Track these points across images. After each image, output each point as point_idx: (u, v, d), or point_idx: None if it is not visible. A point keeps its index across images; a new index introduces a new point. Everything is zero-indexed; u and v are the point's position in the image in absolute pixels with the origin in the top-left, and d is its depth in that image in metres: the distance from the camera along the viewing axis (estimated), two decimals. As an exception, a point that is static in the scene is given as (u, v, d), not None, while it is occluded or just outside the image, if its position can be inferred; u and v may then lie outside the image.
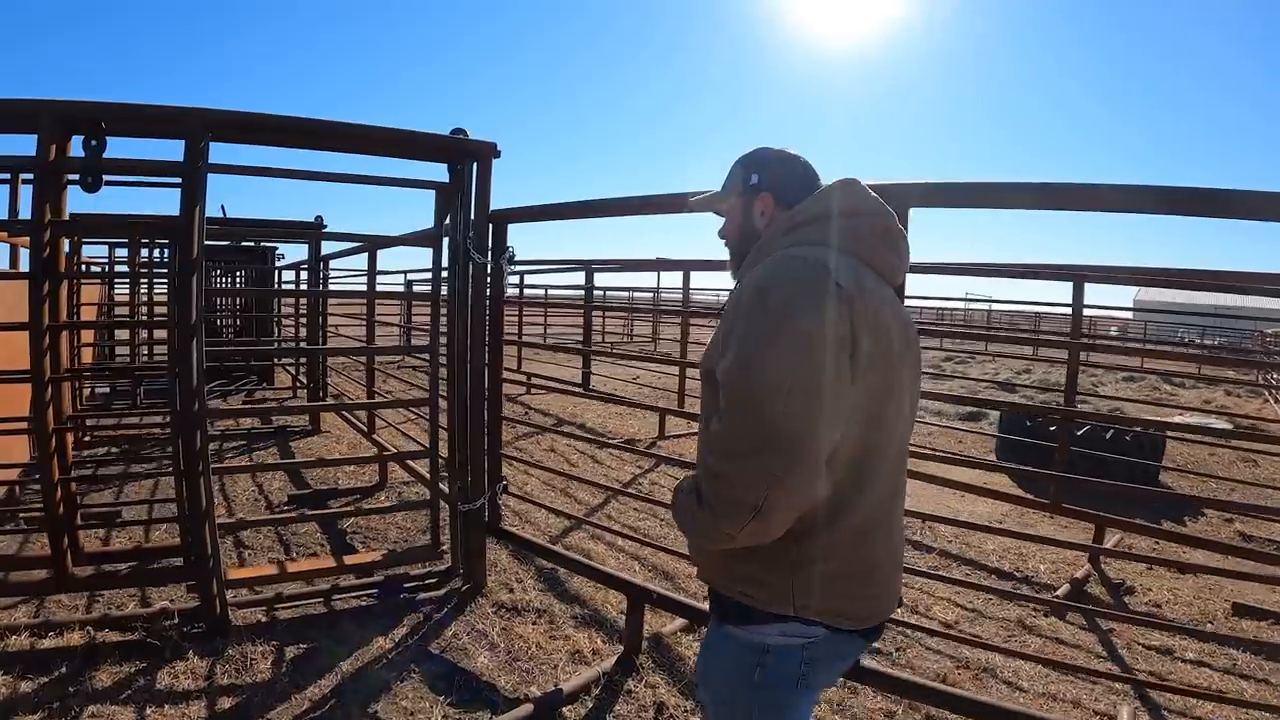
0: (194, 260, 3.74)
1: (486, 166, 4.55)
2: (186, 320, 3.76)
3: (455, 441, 4.81)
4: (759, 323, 1.58)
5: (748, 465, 1.52)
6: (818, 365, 1.53)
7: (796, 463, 1.51)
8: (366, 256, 7.66)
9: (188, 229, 3.71)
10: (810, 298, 1.57)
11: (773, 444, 1.50)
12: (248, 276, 14.29)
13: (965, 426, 11.35)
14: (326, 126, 4.09)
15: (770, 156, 1.99)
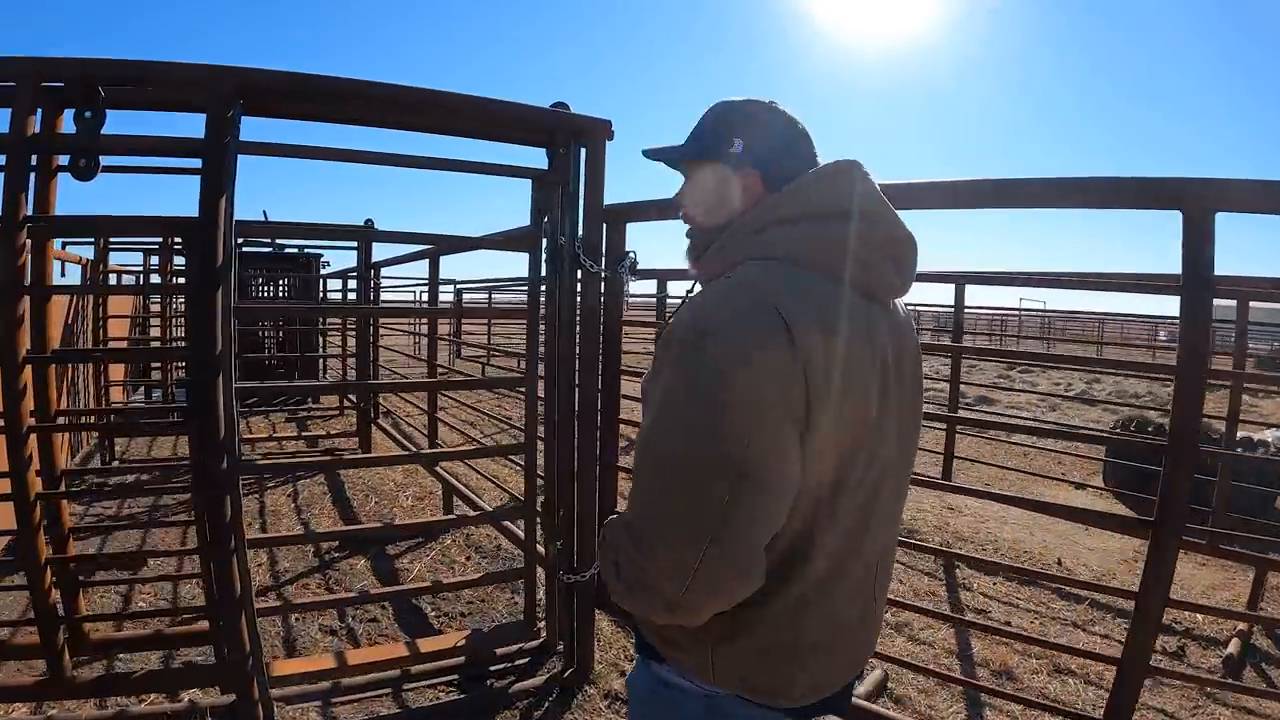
0: (217, 270, 2.79)
1: (598, 150, 3.59)
2: (207, 351, 2.80)
3: (556, 493, 3.80)
4: (690, 380, 1.33)
5: (663, 549, 1.30)
6: (758, 438, 1.28)
7: (724, 555, 1.27)
8: (428, 264, 6.68)
9: (209, 228, 2.77)
10: (756, 353, 1.29)
11: (695, 529, 1.27)
12: (291, 286, 13.46)
13: (1057, 446, 10.55)
14: (395, 93, 3.11)
15: (763, 118, 1.63)
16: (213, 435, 2.87)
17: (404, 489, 7.68)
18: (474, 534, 6.25)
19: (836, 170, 1.53)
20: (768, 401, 1.29)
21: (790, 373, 1.30)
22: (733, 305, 1.35)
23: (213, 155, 2.80)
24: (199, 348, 2.82)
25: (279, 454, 9.05)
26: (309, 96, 3.04)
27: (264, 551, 5.76)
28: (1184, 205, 2.40)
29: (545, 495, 3.86)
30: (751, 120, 1.62)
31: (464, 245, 4.24)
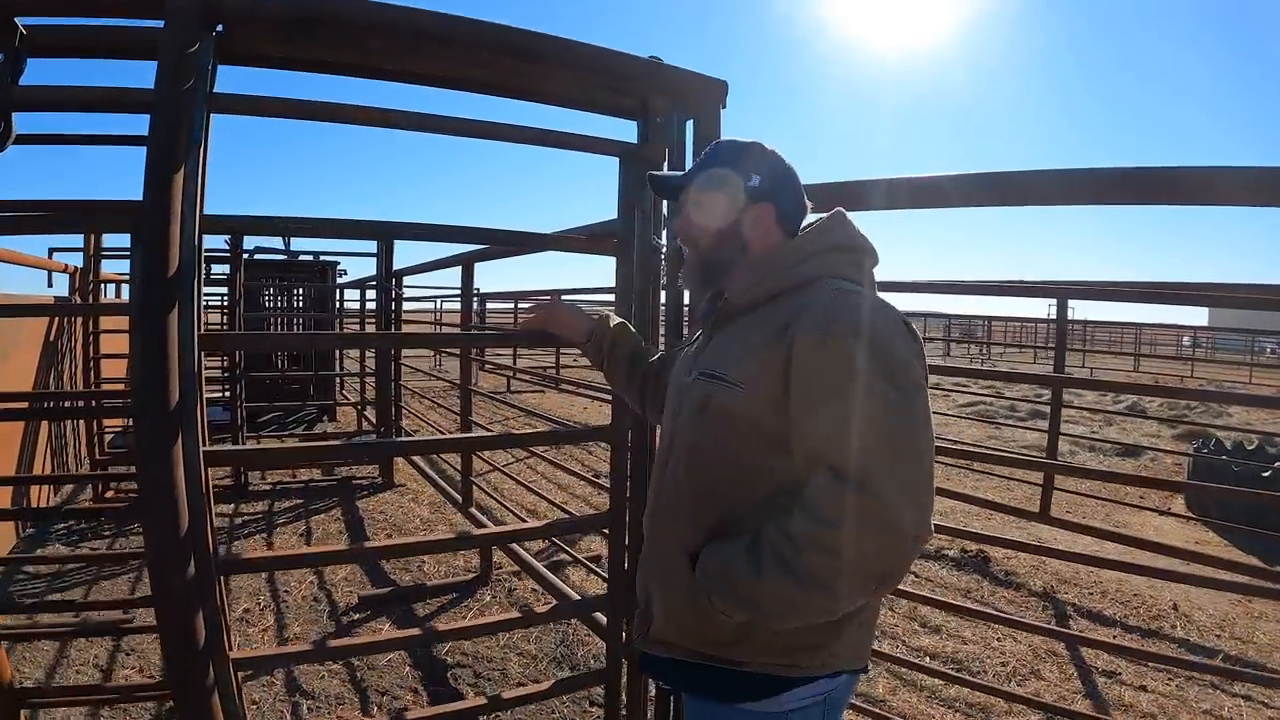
0: (171, 280, 1.84)
1: (711, 121, 2.67)
2: (157, 402, 1.86)
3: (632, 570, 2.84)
4: (885, 386, 1.50)
5: (886, 535, 1.45)
6: (929, 424, 1.55)
7: (928, 526, 1.49)
8: (461, 270, 5.72)
9: (157, 217, 1.82)
10: (914, 350, 1.58)
11: (917, 508, 1.47)
12: (305, 296, 12.58)
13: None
14: (433, 23, 2.14)
15: (773, 160, 1.86)
16: (169, 532, 1.92)
17: (431, 527, 6.85)
18: (517, 589, 5.37)
19: (844, 215, 1.83)
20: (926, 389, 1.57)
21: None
22: (874, 309, 1.59)
23: (166, 110, 1.86)
24: (145, 397, 1.87)
25: (291, 482, 8.19)
26: (311, 27, 2.09)
27: (270, 612, 4.92)
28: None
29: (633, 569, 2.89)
30: (764, 158, 1.83)
31: (531, 245, 3.11)
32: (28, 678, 3.89)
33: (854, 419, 1.48)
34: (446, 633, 2.98)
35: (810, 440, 1.55)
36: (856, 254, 1.78)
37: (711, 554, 1.65)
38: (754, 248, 1.82)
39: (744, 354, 1.68)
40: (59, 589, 5.09)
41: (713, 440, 1.71)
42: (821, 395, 1.54)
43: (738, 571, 1.56)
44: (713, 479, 1.71)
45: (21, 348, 6.15)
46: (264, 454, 5.17)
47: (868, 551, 1.45)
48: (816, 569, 1.47)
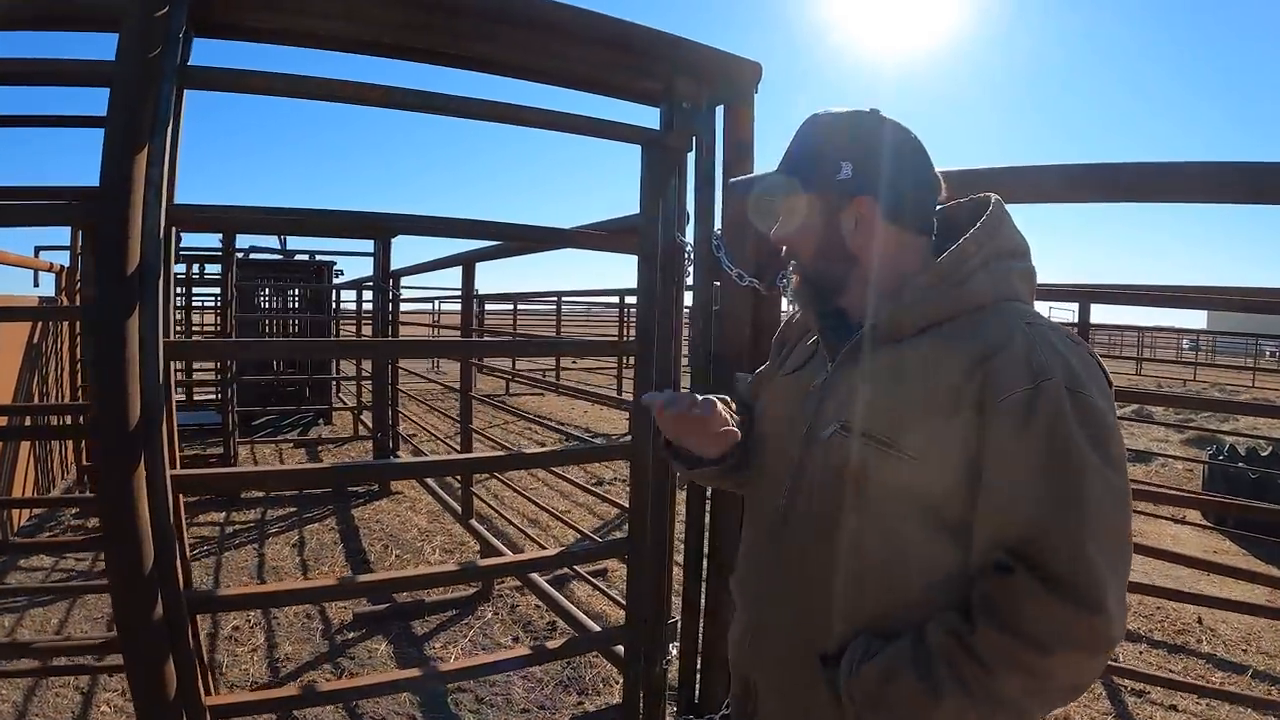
0: (130, 279, 1.60)
1: (743, 107, 2.42)
2: (116, 421, 1.61)
3: (653, 601, 2.61)
4: (1100, 463, 1.22)
5: (1102, 656, 1.22)
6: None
7: (1124, 629, 1.22)
8: (461, 271, 5.47)
9: (115, 204, 1.57)
10: (1114, 407, 1.32)
11: (1122, 621, 1.21)
12: (301, 297, 12.37)
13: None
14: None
15: (870, 135, 1.46)
16: (132, 567, 1.67)
17: (429, 538, 6.56)
18: (520, 604, 5.12)
19: (1002, 204, 1.45)
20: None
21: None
22: (1081, 356, 1.30)
23: (127, 81, 1.61)
24: (104, 416, 1.62)
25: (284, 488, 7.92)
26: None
27: (260, 629, 4.68)
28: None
29: (654, 601, 2.65)
30: (859, 137, 1.46)
31: (544, 240, 2.82)
32: (2, 710, 3.67)
33: (1071, 510, 1.21)
34: (450, 673, 2.73)
35: (1008, 530, 1.24)
36: (1025, 260, 1.45)
37: (868, 663, 1.32)
38: (865, 255, 1.46)
39: (911, 411, 1.33)
40: (41, 603, 4.84)
41: (863, 515, 1.36)
42: (1030, 475, 1.23)
43: (904, 690, 1.27)
44: (860, 564, 1.37)
45: (3, 351, 5.88)
46: (241, 478, 4.89)
47: (1077, 670, 1.23)
48: (1013, 693, 1.22)
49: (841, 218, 1.46)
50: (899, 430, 1.32)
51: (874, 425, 1.35)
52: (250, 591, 3.92)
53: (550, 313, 17.67)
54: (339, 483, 7.66)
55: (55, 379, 7.09)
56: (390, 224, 2.30)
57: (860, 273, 1.47)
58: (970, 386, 1.27)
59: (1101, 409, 1.25)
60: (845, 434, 1.38)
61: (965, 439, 1.27)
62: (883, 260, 1.45)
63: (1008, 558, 1.23)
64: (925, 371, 1.33)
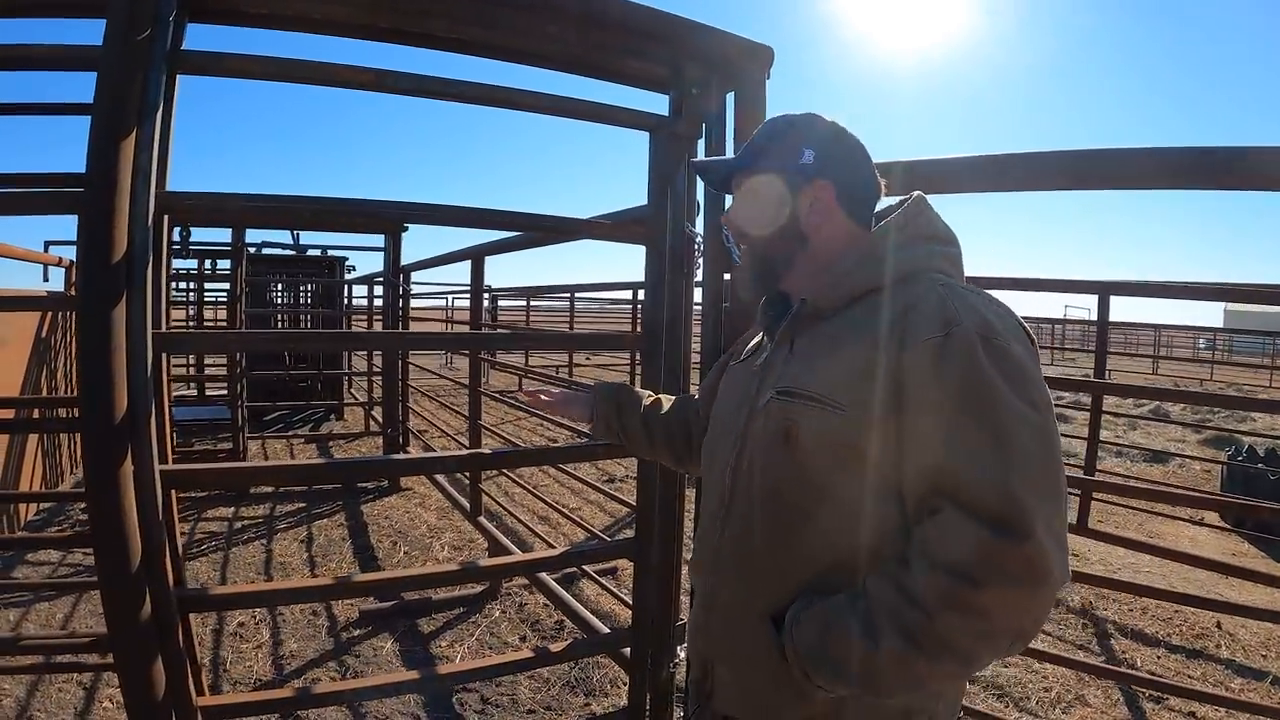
0: (117, 268, 1.55)
1: (754, 91, 2.35)
2: (103, 414, 1.56)
3: (660, 602, 2.55)
4: (1021, 404, 1.25)
5: (1038, 588, 1.19)
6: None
7: (1069, 570, 1.23)
8: (470, 265, 5.42)
9: (102, 191, 1.52)
10: (1038, 360, 1.34)
11: (1063, 550, 1.21)
12: (312, 293, 12.35)
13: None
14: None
15: (828, 131, 1.57)
16: (119, 566, 1.62)
17: (438, 535, 6.52)
18: (528, 603, 5.06)
19: (925, 199, 1.53)
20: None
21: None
22: (997, 311, 1.34)
23: (114, 65, 1.56)
24: (91, 409, 1.57)
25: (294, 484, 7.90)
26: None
27: (265, 626, 4.64)
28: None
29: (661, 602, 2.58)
30: (817, 131, 1.56)
31: (557, 230, 2.72)
32: (5, 705, 3.64)
33: (992, 446, 1.23)
34: (455, 675, 2.67)
35: (934, 473, 1.26)
36: (949, 245, 1.51)
37: (807, 619, 1.35)
38: (815, 237, 1.54)
39: (839, 367, 1.38)
40: (46, 597, 4.82)
41: (801, 475, 1.39)
42: (948, 416, 1.26)
43: (846, 641, 1.28)
44: (801, 524, 1.40)
45: (9, 345, 5.85)
46: (234, 473, 4.83)
47: (1015, 607, 1.21)
48: (952, 635, 1.22)
49: (800, 198, 1.53)
50: (829, 388, 1.37)
51: (807, 385, 1.40)
52: (245, 590, 3.88)
53: (564, 309, 17.64)
54: (339, 479, 7.60)
55: (64, 373, 7.07)
56: (390, 212, 2.23)
57: (807, 254, 1.55)
58: (890, 342, 1.32)
59: (1018, 354, 1.28)
60: (781, 399, 1.43)
61: (885, 387, 1.31)
62: (829, 244, 1.54)
63: (936, 498, 1.25)
64: (851, 331, 1.40)
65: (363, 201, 1.96)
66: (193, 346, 6.26)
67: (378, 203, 1.98)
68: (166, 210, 1.73)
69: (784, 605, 1.40)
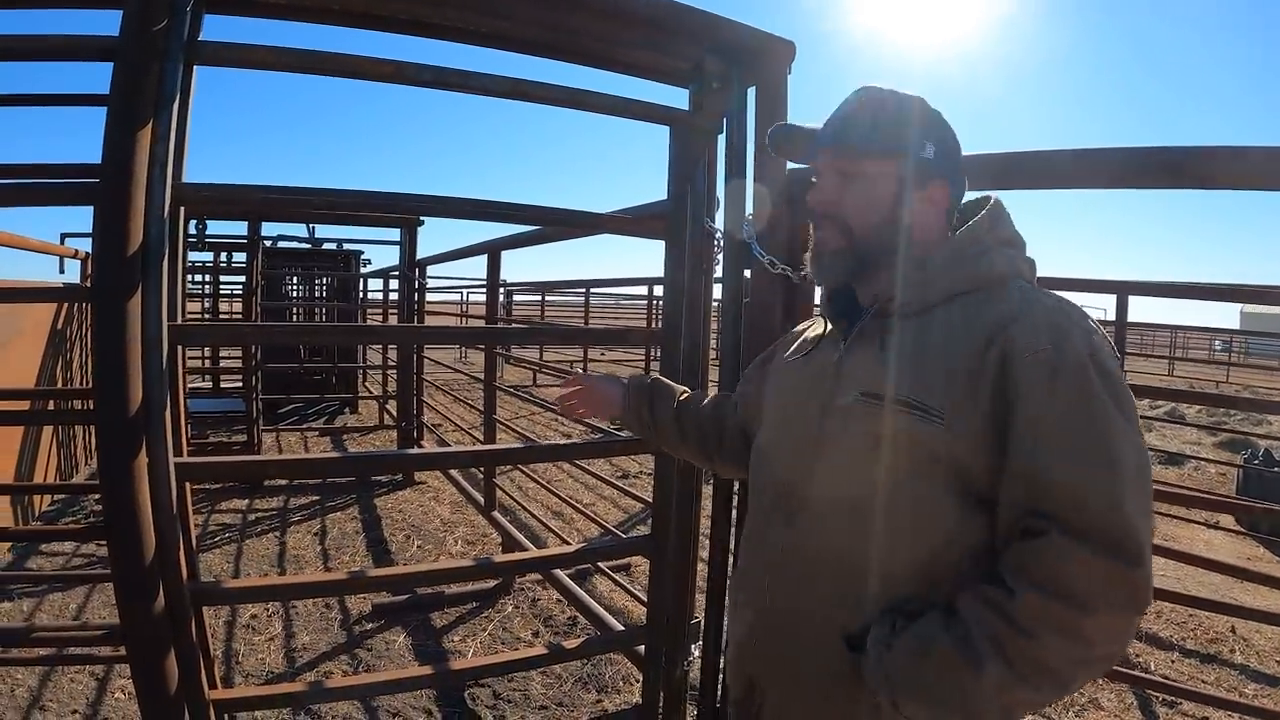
0: (132, 260, 1.54)
1: (776, 86, 2.31)
2: (118, 406, 1.55)
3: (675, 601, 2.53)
4: (1123, 421, 1.22)
5: (1138, 614, 1.19)
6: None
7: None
8: (486, 259, 5.40)
9: (117, 182, 1.51)
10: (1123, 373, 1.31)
11: (1148, 575, 1.16)
12: (328, 286, 12.36)
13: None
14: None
15: (944, 125, 1.49)
16: (132, 558, 1.61)
17: (452, 529, 6.51)
18: (541, 598, 5.04)
19: (1001, 203, 1.49)
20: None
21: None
22: (1093, 325, 1.31)
23: (130, 56, 1.55)
24: (105, 400, 1.56)
25: (308, 477, 7.89)
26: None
27: (278, 619, 4.63)
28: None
29: (677, 599, 2.56)
30: (934, 122, 1.47)
31: (575, 225, 2.68)
32: (18, 694, 3.64)
33: (1107, 468, 1.19)
34: (468, 671, 2.66)
35: (1041, 491, 1.21)
36: (1023, 249, 1.47)
37: (900, 643, 1.27)
38: (918, 236, 1.46)
39: (934, 373, 1.32)
40: (59, 588, 4.83)
41: (888, 483, 1.33)
42: (1061, 434, 1.22)
43: (946, 667, 1.22)
44: (886, 537, 1.32)
45: (25, 336, 5.86)
46: (248, 466, 4.83)
47: (1117, 632, 1.20)
48: (1055, 660, 1.18)
49: (916, 194, 1.45)
50: (924, 394, 1.31)
51: (900, 390, 1.33)
52: (258, 584, 3.89)
53: (579, 304, 17.63)
54: (353, 473, 7.61)
55: (79, 365, 7.09)
56: (408, 204, 2.22)
57: (904, 252, 1.45)
58: (992, 352, 1.28)
59: (1117, 371, 1.27)
60: (868, 401, 1.37)
61: (991, 403, 1.27)
62: (926, 245, 1.46)
63: (1039, 520, 1.20)
64: (946, 340, 1.34)
65: (380, 194, 1.95)
66: (208, 339, 6.28)
67: (395, 195, 1.97)
68: (183, 202, 1.72)
69: (858, 624, 1.34)
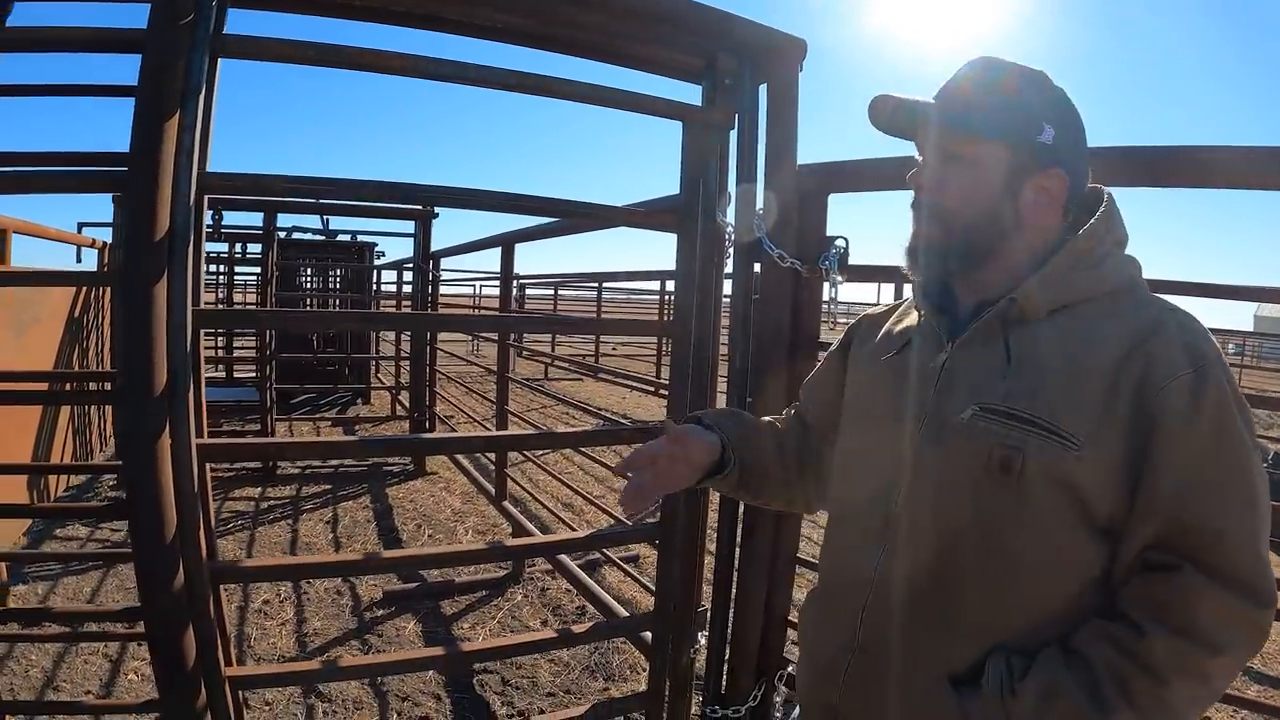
0: (159, 244, 1.59)
1: (787, 82, 2.33)
2: (142, 386, 1.60)
3: (683, 589, 2.56)
4: (1253, 453, 1.15)
5: (1255, 651, 1.15)
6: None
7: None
8: (500, 252, 5.43)
9: (145, 168, 1.55)
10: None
11: (1272, 616, 1.14)
12: (342, 278, 12.42)
13: None
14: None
15: (1066, 105, 1.32)
16: (153, 536, 1.66)
17: (463, 519, 6.56)
18: (550, 588, 5.08)
19: (1114, 199, 1.33)
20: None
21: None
22: (1216, 345, 1.20)
23: (158, 48, 1.59)
24: (130, 382, 1.61)
25: (320, 466, 8.00)
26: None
27: (290, 604, 4.69)
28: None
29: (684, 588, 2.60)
30: (1056, 102, 1.31)
31: (589, 217, 2.67)
32: (31, 675, 3.70)
33: (1247, 506, 1.14)
34: (475, 653, 2.69)
35: (1176, 526, 1.14)
36: (1127, 248, 1.34)
37: (1024, 687, 1.18)
38: (1031, 230, 1.32)
39: (1066, 394, 1.20)
40: (75, 571, 4.89)
41: (1017, 511, 1.21)
42: (1201, 467, 1.14)
43: (1066, 709, 1.14)
44: (1012, 569, 1.22)
45: (42, 323, 5.93)
46: (266, 448, 4.89)
47: (1234, 670, 1.18)
48: (1178, 700, 1.14)
49: (1028, 182, 1.31)
50: (1057, 415, 1.19)
51: (1030, 407, 1.21)
52: (274, 563, 3.94)
53: (591, 299, 17.70)
54: (369, 456, 7.66)
55: (95, 353, 7.15)
56: (428, 195, 2.25)
57: (1013, 246, 1.33)
58: (1128, 371, 1.17)
59: (1245, 402, 1.19)
60: (995, 419, 1.24)
61: (1124, 426, 1.17)
62: (1039, 241, 1.34)
63: (1172, 556, 1.14)
64: (1072, 353, 1.22)
65: (402, 185, 1.99)
66: (229, 322, 6.34)
67: (416, 186, 2.00)
68: (208, 190, 1.76)
69: (965, 662, 1.25)
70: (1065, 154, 1.30)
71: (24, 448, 5.52)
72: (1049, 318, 1.27)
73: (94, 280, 6.33)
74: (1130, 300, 1.26)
